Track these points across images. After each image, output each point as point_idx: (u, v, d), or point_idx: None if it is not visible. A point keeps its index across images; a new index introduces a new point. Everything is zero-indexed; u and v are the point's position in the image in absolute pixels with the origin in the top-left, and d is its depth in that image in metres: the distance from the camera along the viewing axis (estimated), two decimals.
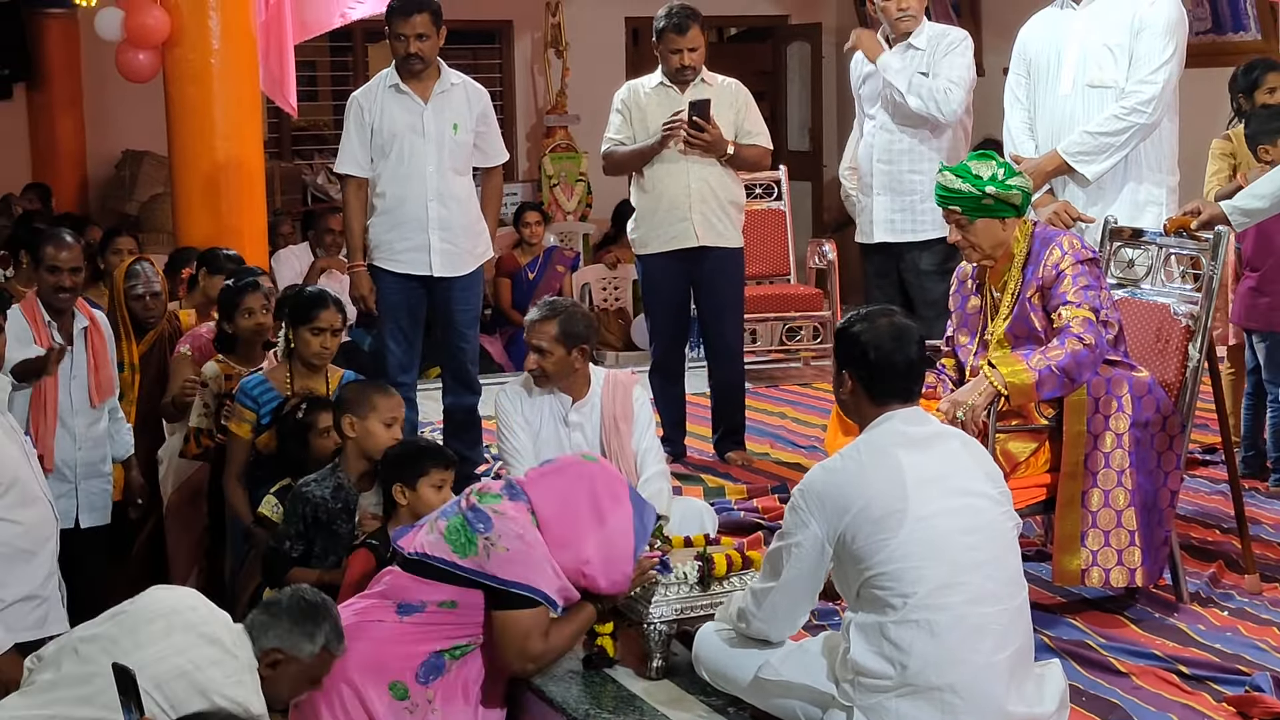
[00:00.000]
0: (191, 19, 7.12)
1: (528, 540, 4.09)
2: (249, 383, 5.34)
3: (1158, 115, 5.55)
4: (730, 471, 6.80)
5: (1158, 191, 5.68)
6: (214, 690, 3.47)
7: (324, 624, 3.75)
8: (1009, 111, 5.95)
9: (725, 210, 6.78)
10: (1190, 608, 4.98)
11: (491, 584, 4.05)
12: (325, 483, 4.66)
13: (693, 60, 6.70)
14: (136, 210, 11.11)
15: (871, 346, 3.75)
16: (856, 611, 3.65)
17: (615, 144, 6.86)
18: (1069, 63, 5.68)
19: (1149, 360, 5.02)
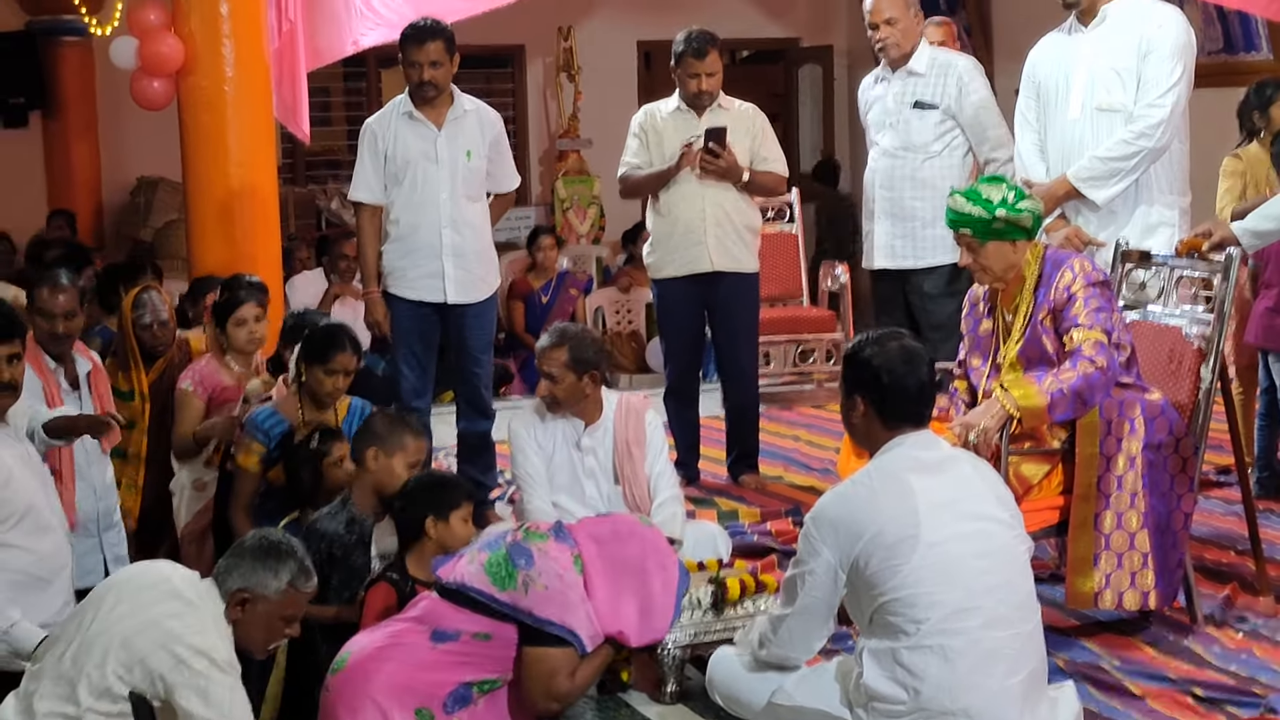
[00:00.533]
0: (205, 47, 7.15)
1: (567, 581, 4.09)
2: (259, 414, 5.28)
3: (1167, 139, 5.56)
4: (744, 495, 6.81)
5: (1169, 213, 5.68)
6: (175, 641, 3.52)
7: (288, 561, 3.75)
8: (1019, 134, 5.96)
9: (740, 235, 6.80)
10: (1205, 630, 4.97)
11: (526, 620, 4.05)
12: (338, 516, 4.60)
13: (710, 85, 6.74)
14: (151, 236, 11.14)
15: (884, 370, 3.75)
16: (870, 637, 3.65)
17: (632, 167, 6.90)
18: (1077, 86, 5.69)
19: (1161, 382, 5.03)
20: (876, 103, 6.70)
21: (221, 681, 3.52)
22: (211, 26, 7.14)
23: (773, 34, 13.12)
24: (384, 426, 4.73)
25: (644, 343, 10.42)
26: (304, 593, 3.79)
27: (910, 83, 6.57)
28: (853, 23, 12.84)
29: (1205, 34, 9.17)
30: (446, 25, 6.39)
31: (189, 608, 3.60)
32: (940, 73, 6.53)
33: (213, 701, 3.50)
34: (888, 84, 6.64)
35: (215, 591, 3.69)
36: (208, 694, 3.50)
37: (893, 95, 6.61)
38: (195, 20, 7.15)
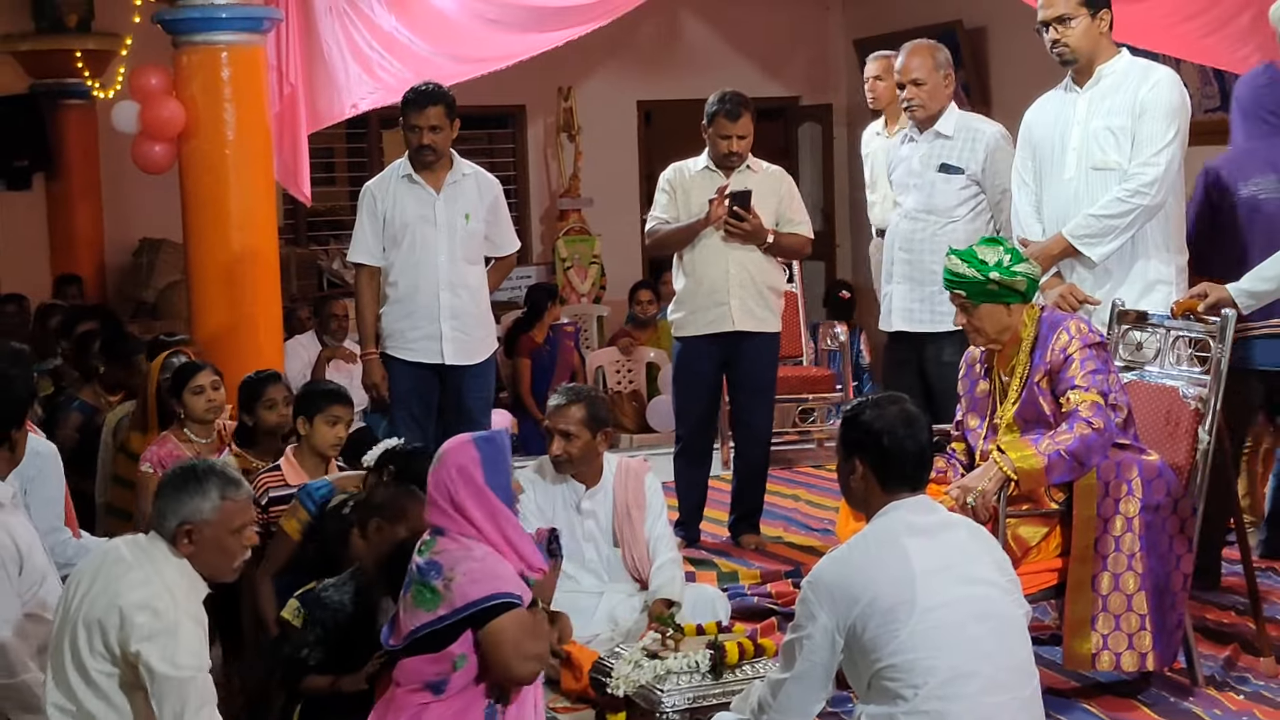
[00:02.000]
0: (206, 111, 7.19)
1: (475, 555, 4.00)
2: (316, 487, 5.09)
3: (1161, 196, 5.54)
4: (745, 556, 6.80)
5: (1166, 270, 5.64)
6: (121, 599, 3.61)
7: (208, 479, 3.77)
8: (1016, 194, 5.95)
9: (764, 296, 6.87)
10: (1206, 691, 4.96)
11: (470, 613, 3.94)
12: (345, 588, 4.53)
13: (741, 147, 6.82)
14: (154, 297, 11.18)
15: (885, 433, 3.74)
16: (868, 703, 3.63)
17: (660, 222, 6.97)
18: (1073, 146, 5.68)
19: (1158, 443, 5.03)
20: (902, 163, 6.66)
21: (169, 627, 3.60)
22: (212, 91, 7.18)
23: (772, 92, 13.18)
24: (387, 498, 4.65)
25: (645, 402, 10.43)
26: (239, 500, 3.82)
27: (937, 145, 6.50)
28: (851, 81, 12.92)
29: (1202, 93, 9.20)
30: (447, 90, 6.46)
31: (128, 568, 3.68)
32: (969, 137, 6.46)
33: (167, 652, 3.58)
34: (915, 145, 6.59)
35: (158, 542, 3.75)
36: (156, 643, 3.58)
37: (919, 157, 6.54)
38: (196, 85, 7.20)
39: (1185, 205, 5.84)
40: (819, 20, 13.09)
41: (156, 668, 3.58)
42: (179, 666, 3.60)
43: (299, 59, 7.73)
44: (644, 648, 4.60)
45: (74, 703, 3.68)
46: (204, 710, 3.63)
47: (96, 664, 3.66)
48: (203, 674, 3.66)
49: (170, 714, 3.59)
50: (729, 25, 12.61)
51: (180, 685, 3.59)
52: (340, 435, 5.40)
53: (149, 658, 3.58)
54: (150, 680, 3.59)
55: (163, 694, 3.59)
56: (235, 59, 7.21)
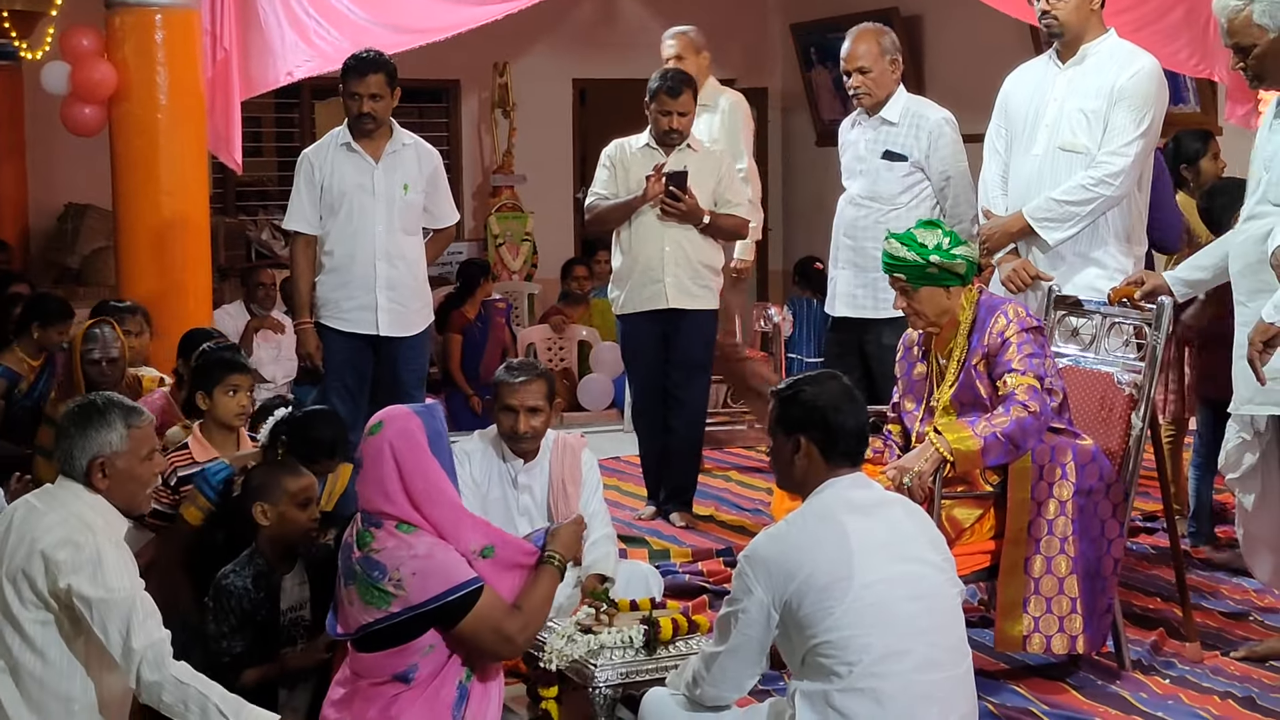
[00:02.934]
0: (139, 74, 7.10)
1: (419, 552, 3.94)
2: (214, 471, 4.95)
3: (1125, 188, 5.53)
4: (676, 534, 6.80)
5: (1124, 260, 5.64)
6: (39, 543, 3.64)
7: (109, 410, 3.79)
8: (986, 162, 5.89)
9: (698, 273, 6.90)
10: (1133, 675, 5.01)
11: (430, 608, 3.92)
12: (245, 571, 4.44)
13: (681, 124, 6.84)
14: (78, 264, 11.00)
15: (830, 409, 3.74)
16: (802, 679, 3.63)
17: (599, 198, 7.00)
18: (1046, 122, 5.64)
19: (1093, 428, 5.06)
20: (850, 147, 6.64)
21: (93, 556, 3.62)
22: (145, 53, 7.10)
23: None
24: (261, 478, 4.57)
25: (576, 380, 10.40)
26: (144, 426, 3.84)
27: (883, 132, 6.47)
28: (787, 66, 12.96)
29: None
30: (388, 58, 6.39)
31: (40, 515, 3.71)
32: (913, 123, 6.43)
33: (97, 578, 3.60)
34: (861, 129, 6.57)
35: (68, 484, 3.76)
36: (83, 573, 3.60)
37: (865, 142, 6.52)
38: (129, 47, 7.11)
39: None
40: (756, 4, 13.07)
41: (90, 594, 3.59)
42: (111, 589, 3.61)
43: (234, 24, 7.62)
44: (577, 622, 4.57)
45: (9, 659, 3.67)
46: (149, 621, 3.64)
47: (31, 615, 3.64)
48: (138, 591, 3.66)
49: (118, 634, 3.59)
50: (666, 5, 12.52)
51: (118, 605, 3.60)
52: (242, 404, 5.29)
53: (80, 588, 3.59)
54: (88, 610, 3.59)
55: (105, 618, 3.59)
56: (169, 22, 7.13)
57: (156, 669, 3.59)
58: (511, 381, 5.09)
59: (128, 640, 3.59)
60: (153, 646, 3.60)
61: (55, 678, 3.67)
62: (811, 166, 12.54)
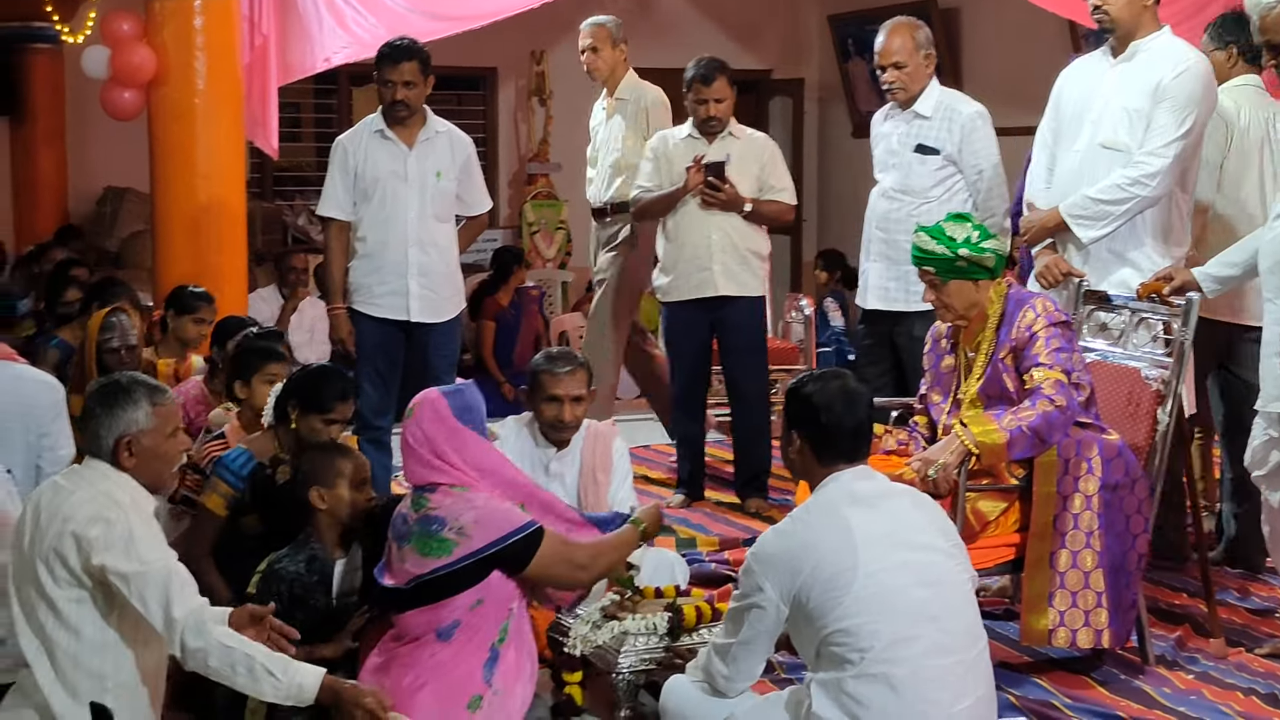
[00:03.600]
0: (177, 58, 7.16)
1: (476, 503, 4.09)
2: (231, 458, 4.92)
3: (1162, 189, 5.47)
4: (703, 523, 6.83)
5: (1160, 261, 5.56)
6: (70, 523, 3.66)
7: (134, 389, 3.82)
8: (1035, 154, 5.88)
9: (746, 260, 6.96)
10: (1156, 670, 5.01)
11: (493, 553, 4.04)
12: (299, 556, 4.46)
13: (719, 111, 6.88)
14: (117, 247, 11.10)
15: (823, 409, 3.79)
16: (817, 670, 3.67)
17: (644, 190, 7.08)
18: (1091, 118, 5.61)
19: (1119, 423, 5.06)
20: (882, 140, 6.62)
21: (124, 532, 3.64)
22: (184, 38, 7.15)
23: (745, 65, 13.12)
24: (314, 462, 4.58)
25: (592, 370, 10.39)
26: (169, 404, 3.87)
27: (915, 125, 6.44)
28: (823, 57, 12.94)
29: None
30: (422, 46, 6.43)
31: (68, 494, 3.72)
32: (946, 117, 6.40)
33: (130, 552, 3.63)
34: (894, 123, 6.54)
35: (94, 463, 3.79)
36: (116, 549, 3.63)
37: (898, 136, 6.50)
38: (168, 32, 7.16)
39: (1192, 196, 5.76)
40: None
41: (126, 569, 3.62)
42: (146, 561, 3.64)
43: (273, 10, 7.68)
44: (602, 609, 4.61)
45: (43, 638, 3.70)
46: (186, 589, 3.67)
47: (65, 593, 3.68)
48: (172, 561, 3.70)
49: (158, 605, 3.62)
50: None
51: (155, 576, 3.63)
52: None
53: (115, 564, 3.62)
54: (125, 585, 3.62)
55: (144, 590, 3.62)
56: (208, 7, 7.18)
57: (200, 635, 3.62)
58: (556, 372, 5.14)
59: (169, 610, 3.62)
60: (193, 613, 3.63)
61: (89, 655, 3.70)
62: (848, 158, 12.52)
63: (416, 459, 4.17)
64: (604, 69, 7.65)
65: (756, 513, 6.95)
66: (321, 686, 3.69)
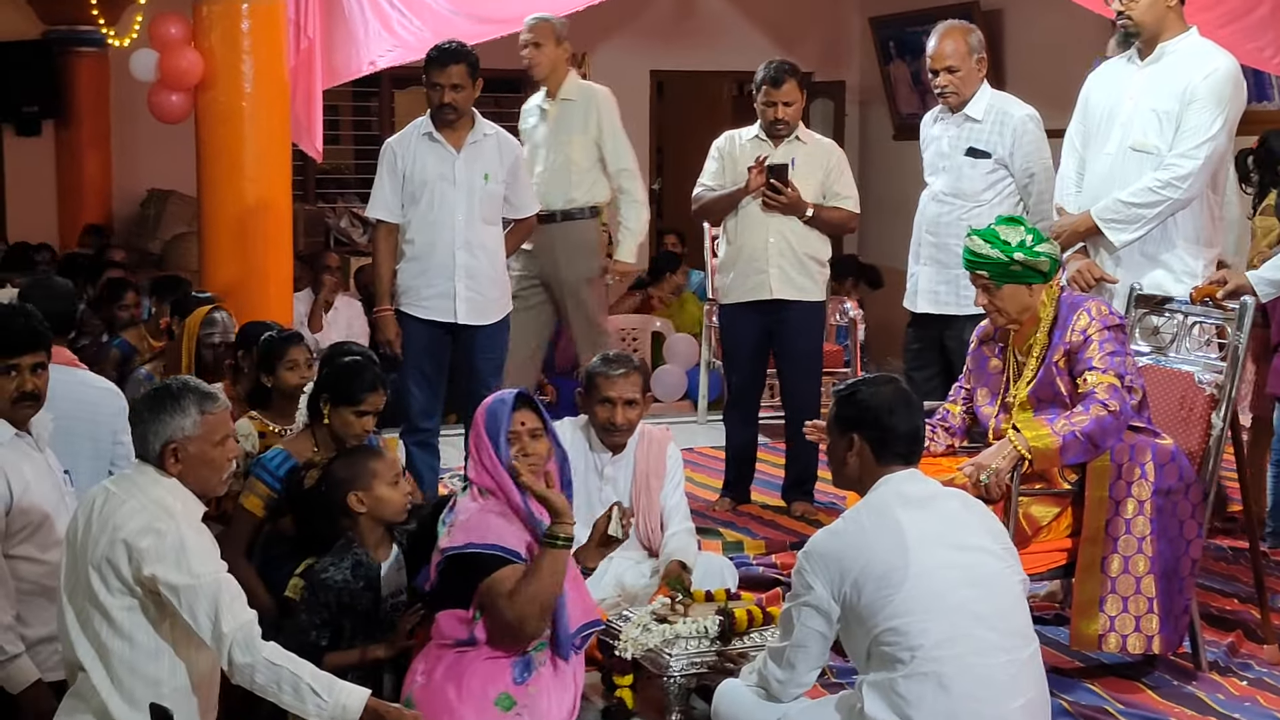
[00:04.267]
0: (225, 62, 7.18)
1: (473, 509, 4.13)
2: (270, 458, 4.93)
3: (1195, 190, 5.47)
4: (750, 526, 6.82)
5: (1194, 263, 5.56)
6: (121, 531, 3.66)
7: (184, 395, 3.80)
8: (1065, 158, 5.88)
9: (804, 265, 6.94)
10: (1209, 676, 4.98)
11: (454, 553, 4.06)
12: (343, 563, 4.44)
13: (787, 114, 6.88)
14: (160, 249, 11.15)
15: (885, 410, 3.81)
16: (868, 672, 3.67)
17: (706, 189, 7.08)
18: (1120, 121, 5.60)
19: (1172, 428, 5.03)
20: (933, 143, 6.61)
21: (176, 543, 3.64)
22: (232, 42, 7.17)
23: None
24: (347, 468, 4.56)
25: (649, 372, 10.39)
26: (218, 412, 3.85)
27: (966, 128, 6.43)
28: (865, 59, 12.91)
29: None
30: (470, 49, 6.44)
31: (120, 502, 3.72)
32: (998, 120, 6.38)
33: (181, 564, 3.62)
34: (944, 125, 6.53)
35: (144, 469, 3.79)
36: (167, 561, 3.62)
37: (948, 139, 6.49)
38: (216, 35, 7.18)
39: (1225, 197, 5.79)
40: None
41: (177, 581, 3.62)
42: (197, 574, 3.64)
43: (318, 13, 7.69)
44: (653, 611, 4.61)
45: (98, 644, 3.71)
46: (236, 603, 3.67)
47: (117, 601, 3.68)
48: (223, 574, 3.70)
49: (206, 619, 3.63)
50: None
51: (205, 589, 3.63)
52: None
53: (166, 576, 3.62)
54: (175, 597, 3.63)
55: (193, 604, 3.63)
56: (255, 11, 7.19)
57: (248, 651, 3.63)
58: (610, 374, 5.13)
59: (217, 624, 3.62)
60: (242, 628, 3.64)
61: (144, 661, 3.71)
62: (889, 161, 12.48)
63: (471, 456, 4.27)
64: (545, 66, 7.35)
65: (802, 516, 6.95)
66: (365, 708, 3.70)
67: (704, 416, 9.45)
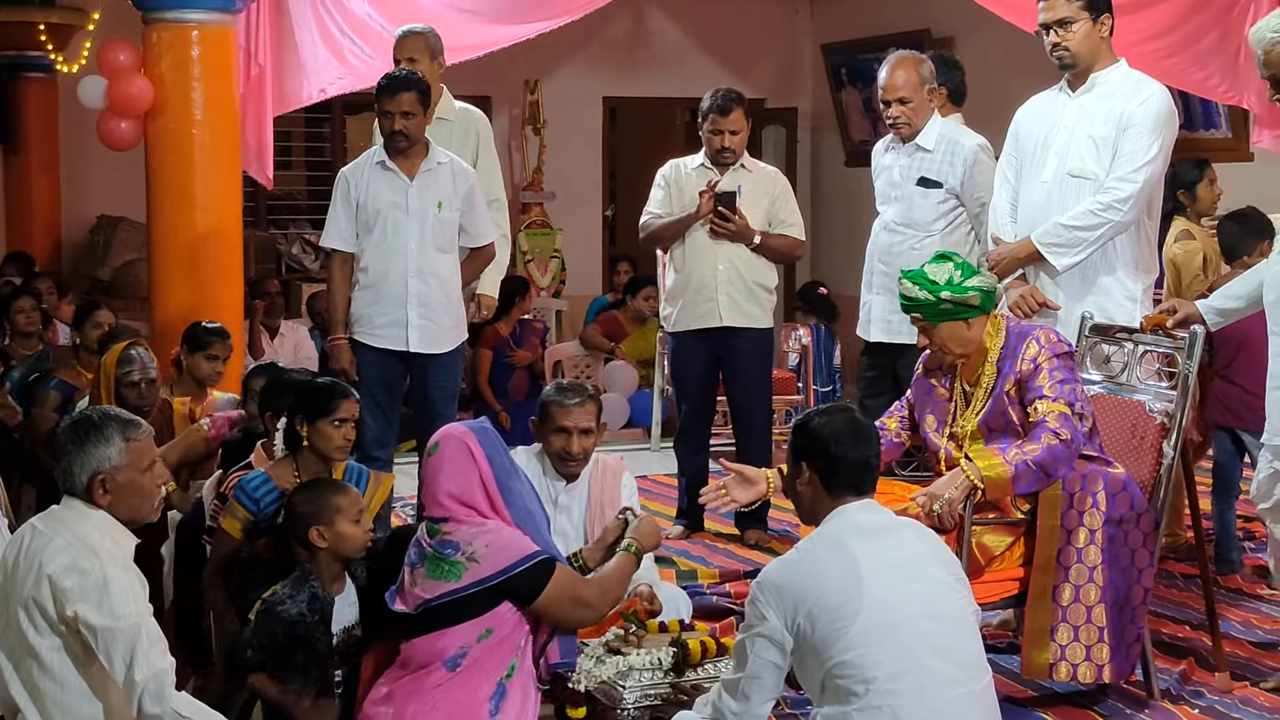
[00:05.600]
0: (174, 89, 7.15)
1: (490, 528, 4.10)
2: (250, 481, 4.89)
3: (1134, 214, 5.53)
4: (703, 555, 6.81)
5: (1133, 287, 5.64)
6: (46, 568, 3.59)
7: (106, 425, 3.75)
8: (997, 190, 5.92)
9: (752, 292, 6.97)
10: (1161, 704, 5.00)
11: (501, 580, 4.04)
12: (299, 596, 4.37)
13: (733, 143, 6.90)
14: (109, 276, 11.08)
15: (833, 440, 3.79)
16: (822, 705, 3.66)
17: (653, 217, 7.10)
18: (1055, 149, 5.65)
19: (1123, 456, 5.06)
20: (884, 172, 6.64)
21: (99, 582, 3.57)
22: (182, 69, 7.14)
23: None
24: (309, 502, 4.51)
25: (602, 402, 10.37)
26: (142, 439, 3.80)
27: (918, 158, 6.48)
28: (817, 86, 12.98)
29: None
30: (421, 76, 6.42)
31: (46, 540, 3.65)
32: (949, 150, 6.44)
33: (103, 605, 3.56)
34: (895, 155, 6.58)
35: (71, 503, 3.72)
36: (90, 601, 3.55)
37: (899, 169, 6.54)
38: (165, 62, 7.15)
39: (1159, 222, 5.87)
40: (787, 23, 13.10)
41: (96, 622, 3.55)
42: (118, 616, 3.57)
43: (269, 41, 7.69)
44: (606, 643, 4.58)
45: (30, 685, 3.66)
46: (153, 650, 3.59)
47: (46, 641, 3.62)
48: (145, 618, 3.62)
49: (121, 663, 3.55)
50: (697, 25, 12.61)
51: (124, 633, 3.56)
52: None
53: (86, 616, 3.55)
54: (94, 637, 3.56)
55: (110, 646, 3.56)
56: (206, 38, 7.17)
57: (158, 701, 3.55)
58: (565, 403, 5.09)
59: (130, 671, 3.55)
60: (155, 677, 3.56)
61: (76, 702, 3.65)
62: (841, 187, 12.54)
63: (437, 502, 4.16)
64: None
65: (756, 544, 6.95)
66: None
67: (657, 443, 9.45)
